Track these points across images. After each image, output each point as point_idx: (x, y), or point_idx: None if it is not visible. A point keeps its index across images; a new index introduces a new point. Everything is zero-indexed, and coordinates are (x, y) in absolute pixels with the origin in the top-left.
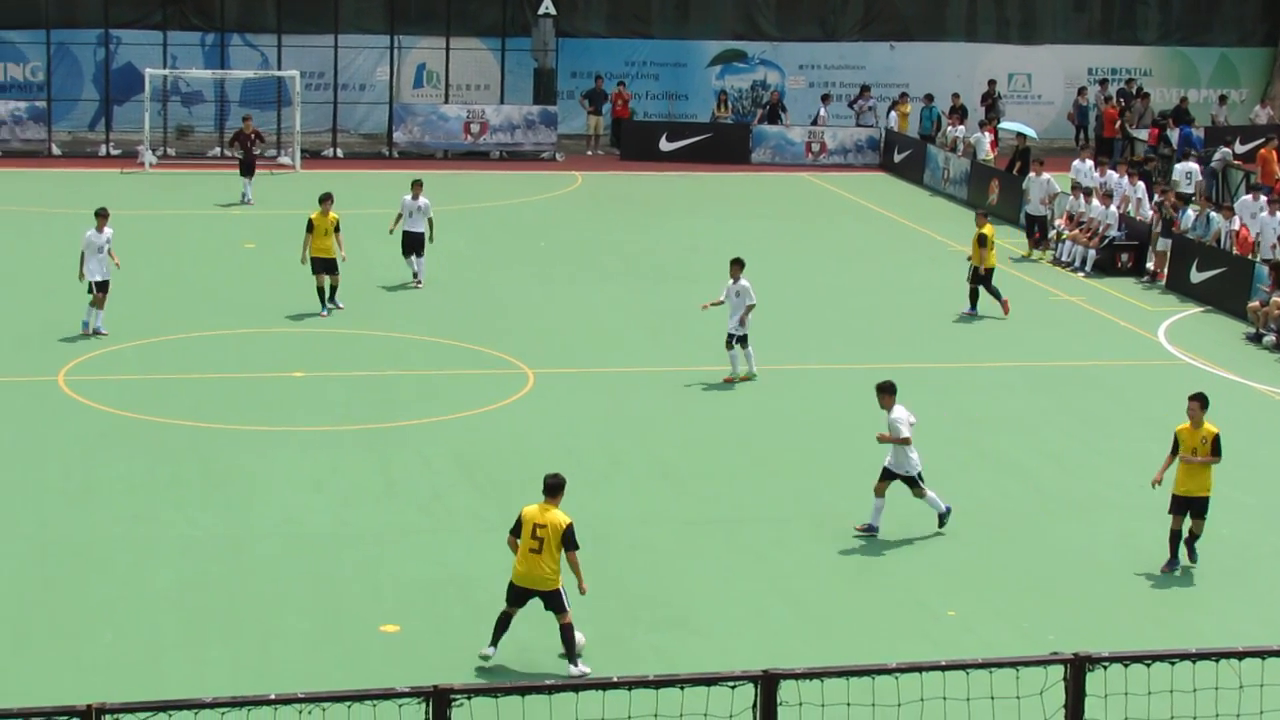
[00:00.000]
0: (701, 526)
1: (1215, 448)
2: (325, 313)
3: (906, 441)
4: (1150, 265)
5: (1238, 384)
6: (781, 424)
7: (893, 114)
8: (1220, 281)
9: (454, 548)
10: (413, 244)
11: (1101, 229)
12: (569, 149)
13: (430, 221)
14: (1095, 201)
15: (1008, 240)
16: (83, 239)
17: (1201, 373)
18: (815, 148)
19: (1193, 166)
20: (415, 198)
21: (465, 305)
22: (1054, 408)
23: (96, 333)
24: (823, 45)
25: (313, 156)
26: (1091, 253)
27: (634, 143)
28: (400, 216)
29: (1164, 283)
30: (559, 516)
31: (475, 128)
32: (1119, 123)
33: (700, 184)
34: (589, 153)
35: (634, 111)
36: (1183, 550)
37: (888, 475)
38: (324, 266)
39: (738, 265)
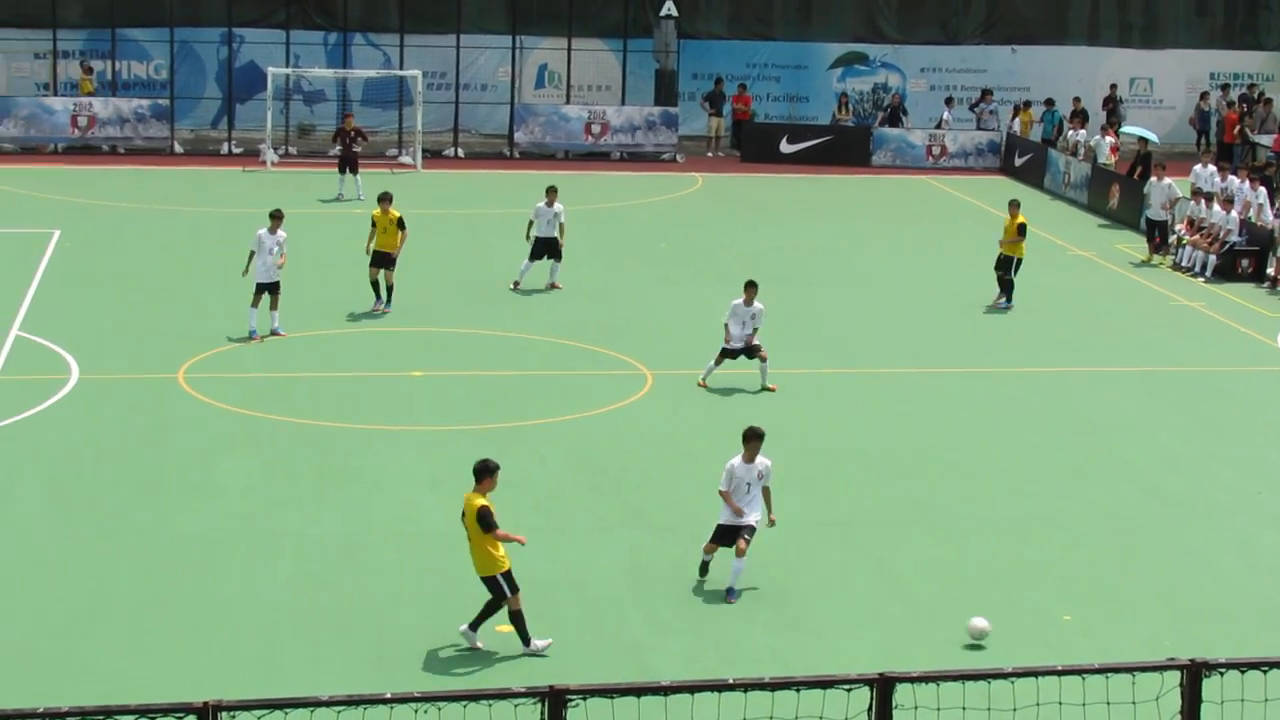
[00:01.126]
0: (818, 529)
1: None
2: (383, 305)
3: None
4: (1271, 271)
5: None
6: (899, 427)
7: (1016, 119)
8: None
9: (569, 547)
10: (545, 248)
11: (1222, 234)
12: (689, 150)
13: (562, 227)
14: (1216, 207)
15: (1129, 245)
16: (254, 238)
17: None
18: (936, 151)
19: None
20: (550, 204)
21: (584, 306)
22: (1171, 412)
23: (274, 333)
24: (944, 48)
25: (434, 156)
26: (1212, 258)
27: (754, 145)
28: (532, 222)
29: None
30: (474, 500)
31: (596, 128)
32: (1239, 127)
33: (820, 186)
34: (709, 154)
35: (755, 113)
36: None
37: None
38: (383, 260)
39: (752, 288)
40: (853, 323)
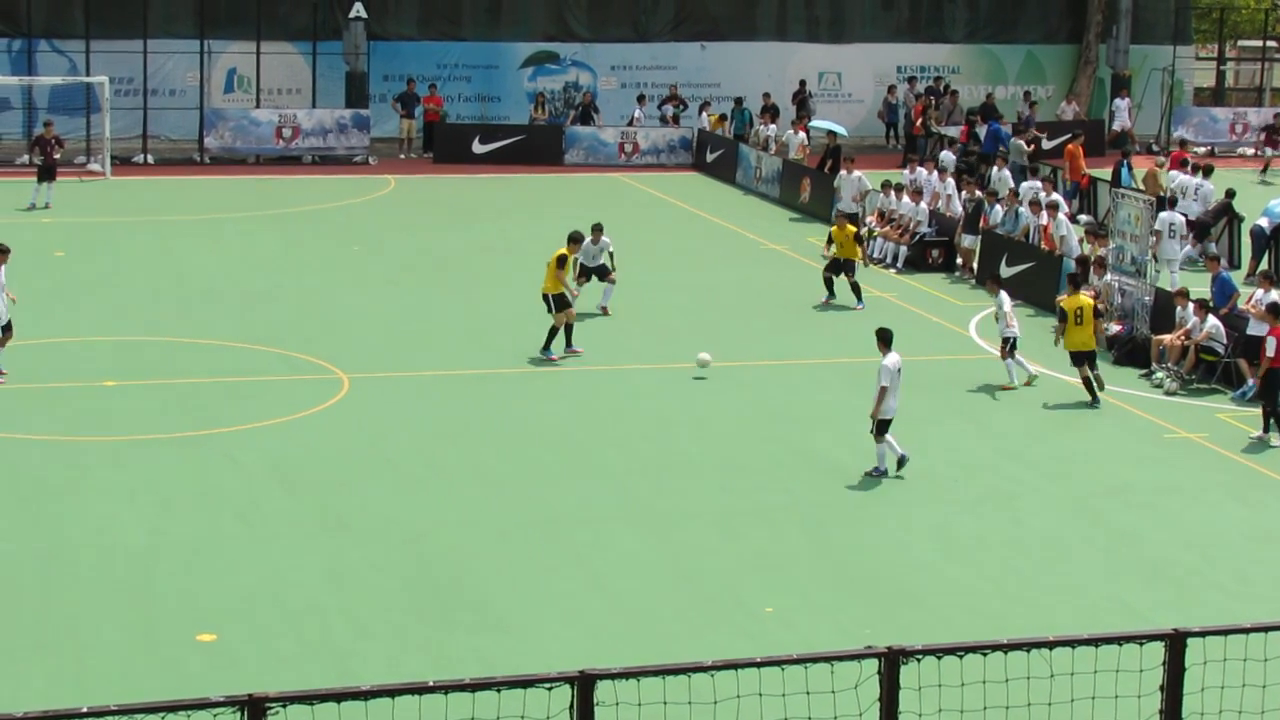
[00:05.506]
0: (519, 529)
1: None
2: (557, 354)
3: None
4: (960, 260)
5: (1046, 376)
6: (599, 424)
7: (704, 116)
8: (1029, 276)
9: (270, 555)
10: (594, 275)
11: (912, 225)
12: (382, 152)
13: (611, 256)
14: (905, 198)
15: (820, 238)
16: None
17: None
18: (628, 148)
19: (1009, 175)
20: (595, 241)
21: (278, 310)
22: (867, 404)
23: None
24: (634, 46)
25: (123, 163)
26: (903, 249)
27: (446, 145)
28: (578, 262)
29: (974, 277)
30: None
31: (287, 132)
32: (920, 120)
33: (513, 186)
34: (401, 156)
35: (446, 114)
36: None
37: None
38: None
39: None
40: (545, 321)
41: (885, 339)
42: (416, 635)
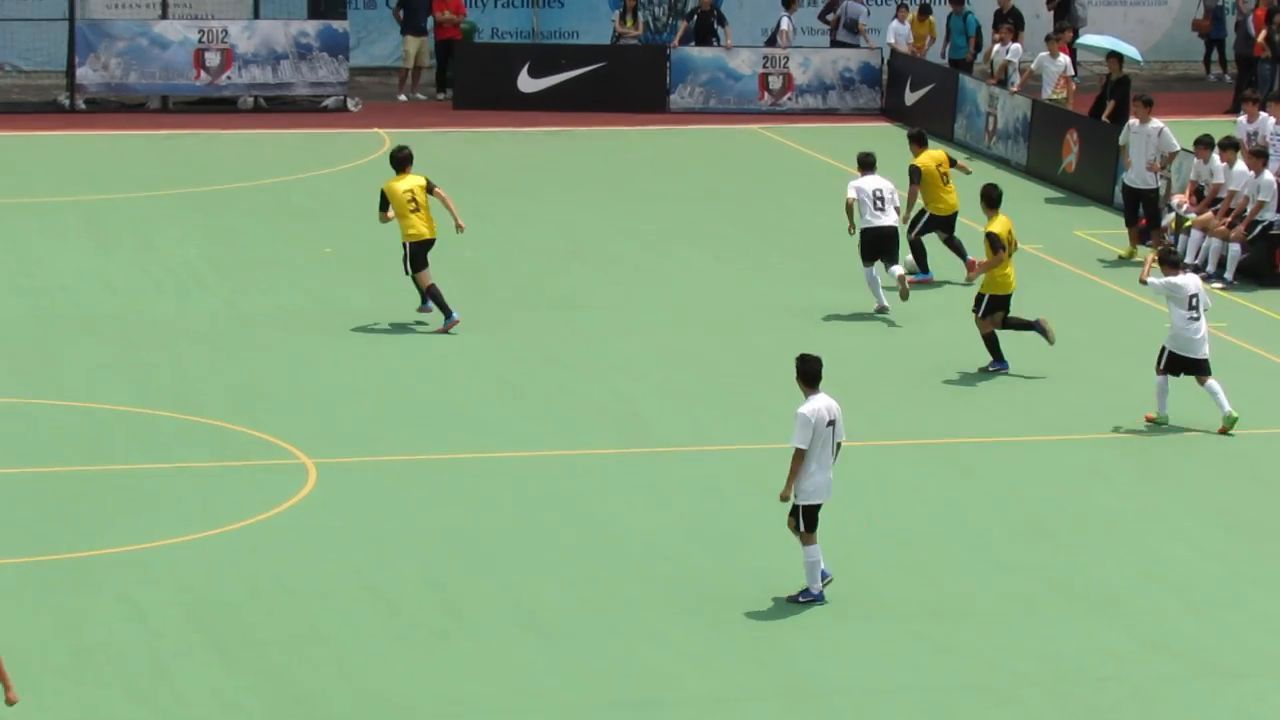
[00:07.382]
0: (611, 713)
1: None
2: (429, 308)
3: None
4: None
5: None
6: (731, 541)
7: (896, 24)
8: None
9: None
10: (884, 244)
11: (1250, 209)
12: (369, 92)
13: (897, 209)
14: (1239, 164)
15: (1096, 231)
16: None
17: None
18: (775, 83)
19: None
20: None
21: (202, 354)
22: (1178, 507)
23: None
24: None
25: None
26: (1235, 248)
27: (475, 81)
28: (851, 207)
29: None
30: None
31: (213, 59)
32: (1263, 35)
33: (586, 147)
34: (402, 98)
35: (474, 29)
36: None
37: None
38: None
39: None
40: (650, 370)
41: (810, 374)
42: None
